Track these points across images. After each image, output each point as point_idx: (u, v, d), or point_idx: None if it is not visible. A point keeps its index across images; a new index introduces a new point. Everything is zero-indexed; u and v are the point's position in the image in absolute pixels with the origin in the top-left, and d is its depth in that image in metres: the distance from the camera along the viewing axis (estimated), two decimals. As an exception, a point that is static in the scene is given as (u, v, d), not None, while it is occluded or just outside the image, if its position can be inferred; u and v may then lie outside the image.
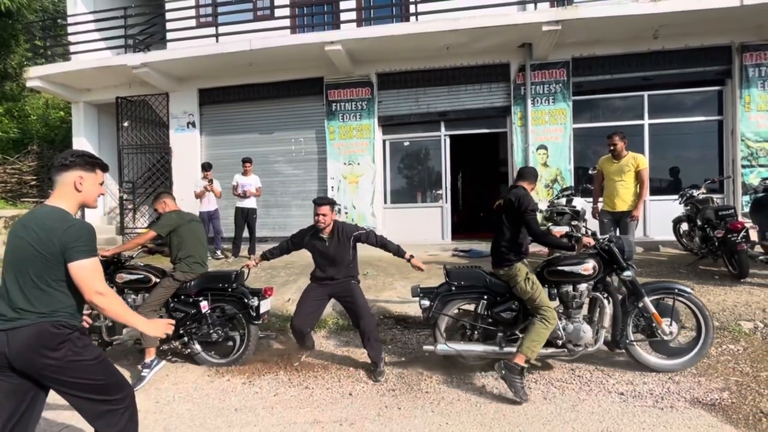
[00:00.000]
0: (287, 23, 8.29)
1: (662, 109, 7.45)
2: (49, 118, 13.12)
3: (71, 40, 9.26)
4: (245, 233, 7.49)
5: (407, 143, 8.50)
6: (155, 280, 3.91)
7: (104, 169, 2.05)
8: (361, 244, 3.77)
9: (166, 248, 4.07)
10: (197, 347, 3.85)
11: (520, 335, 3.30)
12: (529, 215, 3.17)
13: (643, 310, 3.28)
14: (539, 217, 7.21)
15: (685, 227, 6.09)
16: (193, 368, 3.83)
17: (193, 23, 8.29)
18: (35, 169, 11.27)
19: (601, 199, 5.31)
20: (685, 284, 3.43)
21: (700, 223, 5.35)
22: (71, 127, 9.87)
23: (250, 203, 7.44)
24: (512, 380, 3.00)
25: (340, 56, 7.49)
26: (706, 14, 6.47)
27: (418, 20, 7.61)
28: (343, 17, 8.27)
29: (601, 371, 3.40)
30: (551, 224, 5.92)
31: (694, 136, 7.49)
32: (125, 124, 9.22)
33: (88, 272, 1.82)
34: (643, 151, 7.04)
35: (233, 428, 2.85)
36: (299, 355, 3.87)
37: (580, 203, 6.10)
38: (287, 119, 8.67)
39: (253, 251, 7.46)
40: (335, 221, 3.77)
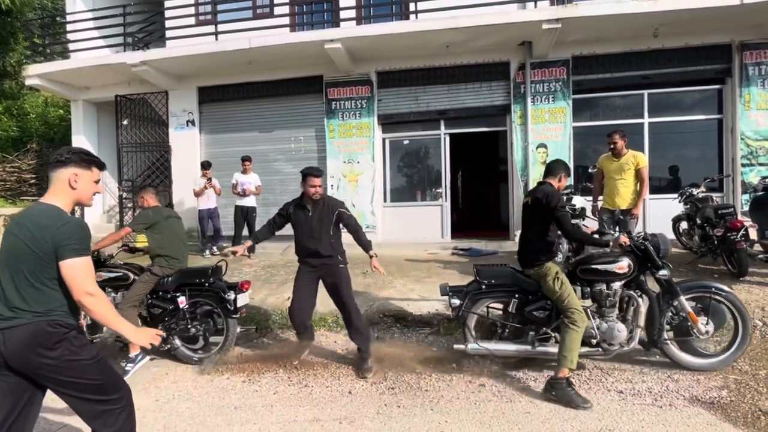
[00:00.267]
0: (287, 21, 8.27)
1: (662, 107, 7.45)
2: (48, 116, 13.08)
3: (70, 38, 9.24)
4: (245, 231, 7.49)
5: (407, 142, 8.49)
6: (134, 277, 3.93)
7: (100, 167, 2.02)
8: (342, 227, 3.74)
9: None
10: (177, 342, 3.88)
11: (552, 334, 3.26)
12: (559, 212, 3.10)
13: (678, 308, 3.24)
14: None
15: (684, 226, 6.08)
16: (192, 366, 3.83)
17: (192, 21, 8.27)
18: (34, 167, 11.24)
19: (600, 197, 5.32)
20: (722, 283, 3.35)
21: (699, 221, 5.34)
22: (70, 125, 9.86)
23: (249, 201, 7.45)
24: (566, 395, 2.92)
25: (339, 54, 7.47)
26: (706, 13, 6.46)
27: (417, 18, 7.60)
28: (342, 15, 8.26)
29: (600, 369, 3.41)
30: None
31: (693, 134, 7.48)
32: (124, 122, 9.21)
33: (78, 271, 1.80)
34: (643, 149, 7.03)
35: (233, 426, 2.85)
36: (299, 352, 3.87)
37: (579, 202, 6.09)
38: (287, 117, 8.66)
39: (252, 249, 7.46)
40: (323, 194, 3.80)
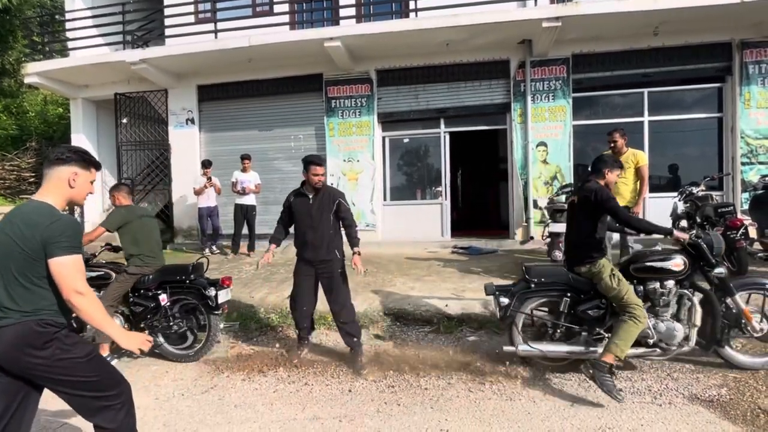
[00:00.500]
0: (286, 19, 8.26)
1: (662, 106, 7.44)
2: (47, 114, 13.07)
3: (69, 36, 9.24)
4: (245, 230, 7.49)
5: (407, 140, 8.48)
6: (115, 276, 3.94)
7: (98, 167, 2.03)
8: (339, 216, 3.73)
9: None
10: (160, 339, 3.89)
11: (605, 334, 3.21)
12: (612, 203, 3.09)
13: (731, 307, 3.19)
14: (538, 214, 7.26)
15: (684, 224, 6.08)
16: (192, 365, 3.84)
17: (191, 19, 8.26)
18: (34, 165, 11.23)
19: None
20: None
21: (699, 220, 5.34)
22: (70, 123, 9.84)
23: (249, 200, 7.45)
24: (603, 379, 2.87)
25: (339, 53, 7.46)
26: (706, 11, 6.46)
27: (417, 16, 7.58)
28: (342, 13, 8.25)
29: (599, 368, 3.41)
30: (550, 221, 5.91)
31: (693, 133, 7.48)
32: (124, 120, 9.20)
33: (68, 269, 1.77)
34: (643, 148, 7.02)
35: (233, 425, 2.85)
36: (299, 351, 3.88)
37: None
38: (286, 116, 8.65)
39: (252, 248, 7.47)
40: (324, 184, 3.81)
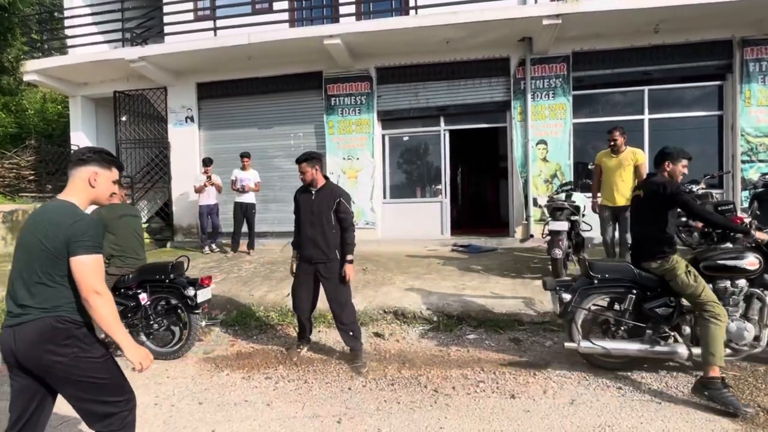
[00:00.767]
0: (286, 17, 8.24)
1: (662, 104, 7.43)
2: (46, 112, 13.04)
3: (68, 33, 9.20)
4: (244, 228, 7.48)
5: (406, 138, 8.47)
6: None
7: (120, 167, 2.06)
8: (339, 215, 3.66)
9: None
10: (141, 338, 3.91)
11: (671, 333, 3.15)
12: (683, 196, 3.01)
13: None
14: (538, 212, 7.25)
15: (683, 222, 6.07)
16: (192, 363, 3.84)
17: (191, 17, 8.24)
18: (33, 163, 11.20)
19: (599, 193, 5.32)
20: None
21: (699, 219, 5.34)
22: (69, 121, 9.82)
23: (248, 198, 7.44)
24: (722, 397, 2.74)
25: (339, 50, 7.44)
26: (706, 8, 6.44)
27: (417, 14, 7.56)
28: (342, 11, 8.22)
29: (599, 366, 3.41)
30: (550, 219, 5.90)
31: (694, 131, 7.46)
32: (123, 118, 9.18)
33: (89, 268, 1.79)
34: (643, 146, 7.02)
35: (233, 423, 2.85)
36: (298, 349, 3.88)
37: (579, 199, 6.07)
38: (286, 114, 8.63)
39: (252, 246, 7.47)
40: (329, 181, 3.76)
